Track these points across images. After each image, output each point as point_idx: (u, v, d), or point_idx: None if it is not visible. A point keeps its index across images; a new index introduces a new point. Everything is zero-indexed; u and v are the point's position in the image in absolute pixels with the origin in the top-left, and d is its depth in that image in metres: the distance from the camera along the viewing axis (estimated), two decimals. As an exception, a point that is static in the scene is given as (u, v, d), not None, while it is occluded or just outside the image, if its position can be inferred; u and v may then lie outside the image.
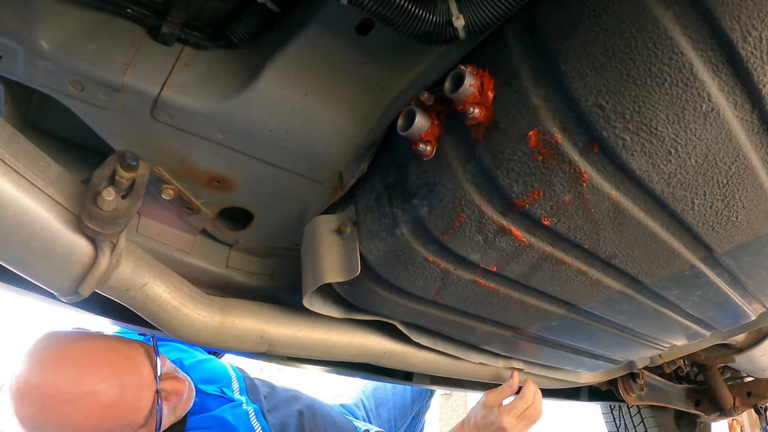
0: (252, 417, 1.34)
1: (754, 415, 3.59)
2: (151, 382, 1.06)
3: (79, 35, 0.69)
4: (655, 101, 0.53)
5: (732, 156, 0.58)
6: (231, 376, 1.49)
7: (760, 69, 0.50)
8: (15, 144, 0.63)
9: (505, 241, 0.70)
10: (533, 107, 0.58)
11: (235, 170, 0.86)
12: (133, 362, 1.06)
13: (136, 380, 1.04)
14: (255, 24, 0.69)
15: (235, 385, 1.46)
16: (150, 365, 1.08)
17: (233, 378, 1.49)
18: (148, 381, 1.06)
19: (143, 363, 1.07)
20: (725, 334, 1.43)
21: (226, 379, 1.47)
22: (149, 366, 1.08)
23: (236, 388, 1.45)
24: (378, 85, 0.77)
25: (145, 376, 1.06)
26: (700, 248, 0.74)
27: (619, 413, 2.61)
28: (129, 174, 0.68)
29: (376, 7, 0.59)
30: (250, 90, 0.73)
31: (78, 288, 0.72)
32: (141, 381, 1.05)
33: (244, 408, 1.36)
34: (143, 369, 1.06)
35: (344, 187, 0.84)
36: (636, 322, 0.99)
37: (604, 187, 0.61)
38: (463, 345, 1.18)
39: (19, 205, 0.62)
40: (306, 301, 0.89)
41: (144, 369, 1.06)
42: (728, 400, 2.15)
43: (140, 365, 1.06)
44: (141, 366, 1.06)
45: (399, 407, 2.06)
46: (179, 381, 1.13)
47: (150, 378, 1.07)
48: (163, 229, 1.03)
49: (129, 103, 0.73)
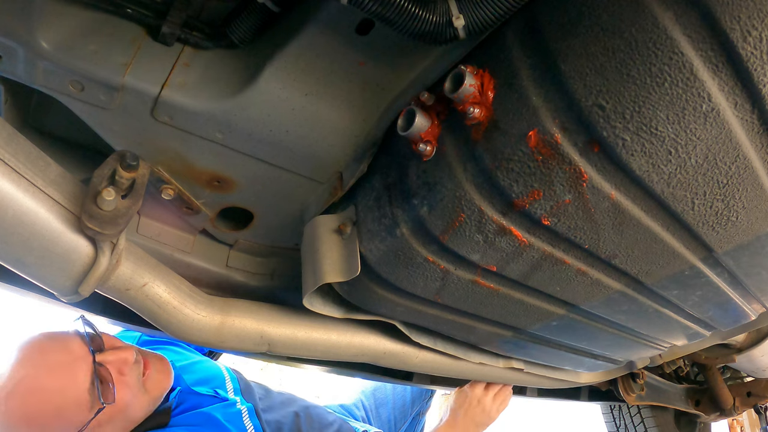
0: (245, 416, 1.33)
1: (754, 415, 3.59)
2: (85, 355, 1.05)
3: (79, 35, 0.69)
4: (655, 101, 0.53)
5: (732, 156, 0.58)
6: (225, 377, 1.49)
7: (760, 69, 0.50)
8: (15, 144, 0.63)
9: (505, 241, 0.70)
10: (533, 107, 0.58)
11: (235, 170, 0.86)
12: (59, 343, 1.05)
13: (63, 356, 1.03)
14: (255, 24, 0.69)
15: (229, 386, 1.46)
16: (82, 341, 1.07)
17: (227, 379, 1.48)
18: (80, 354, 1.04)
19: (72, 341, 1.06)
20: (725, 334, 1.43)
21: (219, 379, 1.46)
22: (80, 342, 1.06)
23: (230, 389, 1.44)
24: (378, 85, 0.77)
25: (74, 351, 1.04)
26: (700, 248, 0.74)
27: (619, 413, 2.62)
28: (129, 174, 0.68)
29: (376, 7, 0.59)
30: (250, 90, 0.73)
31: (78, 288, 0.72)
32: (70, 356, 1.03)
33: (237, 407, 1.35)
34: (72, 345, 1.05)
35: (344, 187, 0.84)
36: (636, 322, 0.99)
37: (604, 187, 0.61)
38: (463, 345, 1.18)
39: (19, 205, 0.62)
40: (306, 301, 0.89)
41: (73, 345, 1.05)
42: (728, 400, 2.15)
43: (68, 342, 1.05)
44: (69, 343, 1.05)
45: (399, 408, 2.06)
46: (124, 350, 1.10)
47: (82, 352, 1.05)
48: (163, 229, 1.03)
49: (129, 103, 0.73)
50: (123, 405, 1.09)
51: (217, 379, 1.46)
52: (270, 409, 1.47)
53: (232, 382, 1.48)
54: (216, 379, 1.46)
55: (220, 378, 1.47)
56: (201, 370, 1.47)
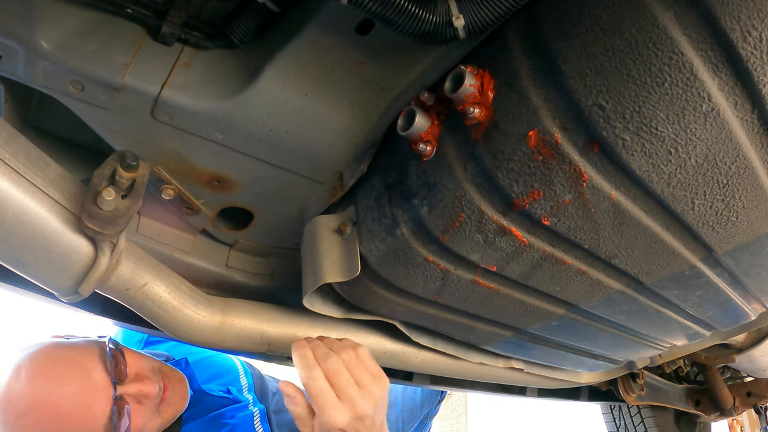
0: (256, 420, 1.32)
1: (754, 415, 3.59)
2: (107, 388, 1.02)
3: (79, 35, 0.69)
4: (655, 101, 0.53)
5: (732, 156, 0.58)
6: (239, 371, 1.46)
7: (760, 69, 0.50)
8: (15, 144, 0.63)
9: (505, 241, 0.70)
10: (533, 107, 0.58)
11: (235, 170, 0.86)
12: (81, 369, 1.02)
13: (84, 388, 1.00)
14: (255, 24, 0.69)
15: (243, 381, 1.43)
16: (105, 370, 1.04)
17: (241, 374, 1.46)
18: (102, 387, 1.02)
19: (95, 369, 1.03)
20: (725, 334, 1.43)
21: (233, 374, 1.44)
22: (103, 371, 1.04)
23: (245, 385, 1.42)
24: (378, 85, 0.77)
25: (97, 383, 1.02)
26: (700, 248, 0.74)
27: (619, 413, 2.61)
28: (129, 174, 0.68)
29: (376, 7, 0.59)
30: (250, 90, 0.73)
31: (78, 288, 0.72)
32: (91, 388, 1.01)
33: (249, 410, 1.33)
34: (95, 375, 1.02)
35: (344, 187, 0.84)
36: (636, 322, 0.99)
37: (604, 187, 0.61)
38: (463, 345, 1.18)
39: (19, 205, 0.62)
40: (306, 301, 0.89)
41: (96, 375, 1.02)
42: (728, 400, 2.15)
43: (91, 371, 1.02)
44: (92, 372, 1.02)
45: (408, 410, 2.05)
46: (148, 383, 1.08)
47: (105, 383, 1.03)
48: (163, 229, 1.03)
49: (129, 103, 0.73)
50: (135, 430, 1.08)
51: (230, 373, 1.43)
52: (281, 411, 1.46)
53: (246, 377, 1.46)
54: (229, 374, 1.43)
55: (234, 373, 1.45)
56: (214, 365, 1.44)
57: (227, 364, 1.48)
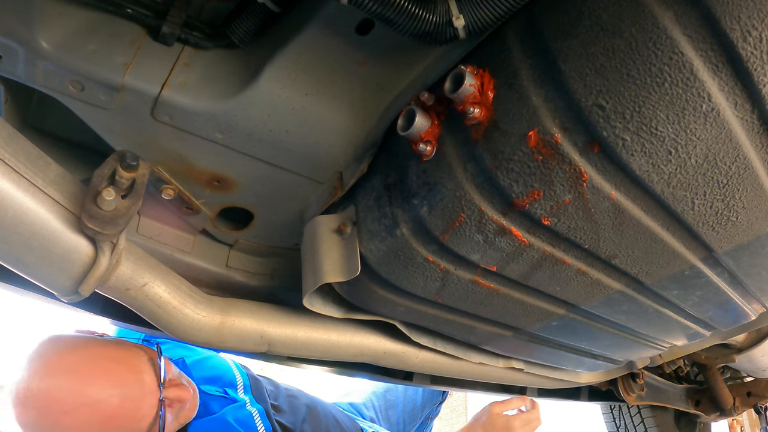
0: (257, 418, 1.33)
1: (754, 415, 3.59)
2: (155, 390, 1.05)
3: (79, 35, 0.69)
4: (655, 101, 0.53)
5: (732, 156, 0.58)
6: (235, 373, 1.48)
7: (760, 69, 0.50)
8: (15, 144, 0.63)
9: (505, 241, 0.70)
10: (533, 107, 0.58)
11: (235, 170, 0.86)
12: (135, 370, 1.04)
13: (138, 390, 1.02)
14: (255, 24, 0.69)
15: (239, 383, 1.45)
16: (153, 372, 1.06)
17: (237, 376, 1.47)
18: (151, 389, 1.04)
19: (146, 371, 1.05)
20: (725, 334, 1.43)
21: (229, 377, 1.45)
22: (152, 373, 1.06)
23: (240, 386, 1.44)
24: (378, 85, 0.77)
25: (147, 385, 1.04)
26: (700, 248, 0.74)
27: (619, 413, 2.61)
28: (129, 174, 0.68)
29: (376, 7, 0.59)
30: (250, 90, 0.73)
31: (78, 288, 0.72)
32: (143, 390, 1.03)
33: (248, 409, 1.34)
34: (146, 377, 1.04)
35: (344, 187, 0.84)
36: (636, 322, 0.99)
37: (604, 187, 0.61)
38: (463, 345, 1.18)
39: (19, 205, 0.62)
40: (306, 301, 0.89)
41: (147, 377, 1.05)
42: (728, 400, 2.15)
43: (143, 373, 1.04)
44: (144, 374, 1.04)
45: (409, 411, 2.06)
46: (183, 388, 1.11)
47: (153, 386, 1.05)
48: (163, 229, 1.03)
49: (129, 103, 0.73)
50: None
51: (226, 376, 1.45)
52: (280, 409, 1.47)
53: (242, 378, 1.47)
54: (225, 377, 1.44)
55: (230, 375, 1.46)
56: (210, 367, 1.46)
57: (222, 366, 1.49)
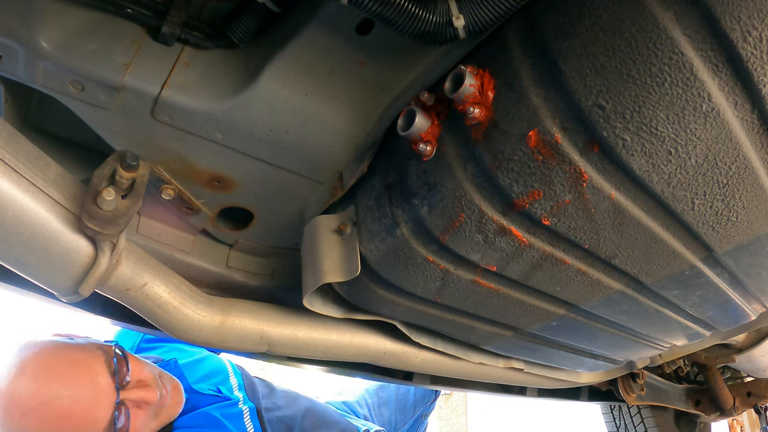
0: (246, 416, 1.34)
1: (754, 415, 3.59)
2: (110, 393, 1.05)
3: (79, 35, 0.69)
4: (655, 101, 0.53)
5: (732, 156, 0.58)
6: (228, 372, 1.49)
7: (760, 69, 0.50)
8: (15, 144, 0.63)
9: (505, 241, 0.70)
10: (533, 107, 0.58)
11: (235, 170, 0.86)
12: (89, 372, 1.05)
13: (90, 392, 1.03)
14: (255, 24, 0.69)
15: (233, 382, 1.46)
16: (110, 375, 1.07)
17: (231, 374, 1.49)
18: (106, 392, 1.05)
19: (101, 373, 1.06)
20: (725, 334, 1.43)
21: (223, 375, 1.47)
22: (108, 376, 1.07)
23: (234, 385, 1.45)
24: (378, 85, 0.77)
25: (102, 387, 1.05)
26: (700, 248, 0.74)
27: (619, 413, 2.61)
28: (129, 174, 0.68)
29: (376, 7, 0.59)
30: (250, 90, 0.73)
31: (78, 288, 0.72)
32: (96, 392, 1.04)
33: (239, 407, 1.35)
34: (100, 380, 1.05)
35: (344, 187, 0.84)
36: (636, 322, 0.99)
37: (604, 187, 0.61)
38: (463, 345, 1.18)
39: (19, 205, 0.62)
40: (306, 301, 0.89)
41: (102, 379, 1.05)
42: (728, 400, 2.15)
43: (98, 375, 1.05)
44: (98, 376, 1.05)
45: (401, 408, 2.07)
46: (149, 390, 1.11)
47: (109, 389, 1.06)
48: (163, 229, 1.03)
49: (129, 103, 0.73)
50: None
51: (220, 374, 1.47)
52: (275, 408, 1.48)
53: (236, 377, 1.48)
54: (219, 375, 1.46)
55: (224, 374, 1.48)
56: (205, 367, 1.47)
57: (218, 366, 1.51)
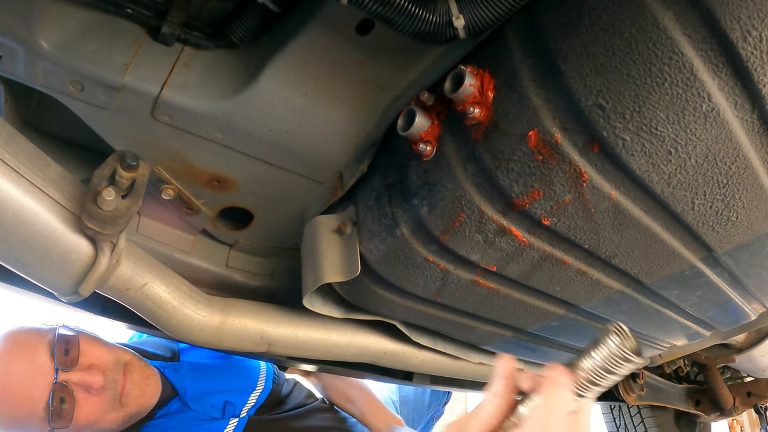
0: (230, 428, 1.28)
1: (754, 415, 3.60)
2: (48, 372, 1.04)
3: (79, 35, 0.69)
4: (655, 101, 0.53)
5: (732, 156, 0.58)
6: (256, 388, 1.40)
7: (760, 69, 0.50)
8: (15, 144, 0.63)
9: (505, 241, 0.70)
10: (533, 107, 0.58)
11: (235, 170, 0.86)
12: (29, 352, 1.05)
13: (26, 369, 1.03)
14: (255, 24, 0.69)
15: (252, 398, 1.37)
16: (50, 355, 1.06)
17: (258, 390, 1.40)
18: (43, 371, 1.04)
19: (42, 353, 1.06)
20: (725, 334, 1.43)
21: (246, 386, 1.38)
22: (49, 356, 1.06)
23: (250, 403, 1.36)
24: (378, 85, 0.77)
25: (39, 366, 1.04)
26: (700, 248, 0.74)
27: (619, 413, 2.61)
28: (129, 174, 0.68)
29: (376, 7, 0.59)
30: (250, 90, 0.73)
31: (78, 288, 0.72)
32: (33, 370, 1.03)
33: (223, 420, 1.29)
34: (38, 358, 1.05)
35: (344, 187, 0.84)
36: (636, 322, 0.99)
37: (604, 187, 0.61)
38: (463, 345, 1.18)
39: (19, 205, 0.62)
40: (306, 301, 0.89)
41: (40, 358, 1.05)
42: (728, 400, 2.15)
43: (36, 354, 1.05)
44: (37, 355, 1.05)
45: (418, 408, 2.07)
46: (94, 373, 1.09)
47: (47, 368, 1.04)
48: (163, 229, 1.03)
49: (129, 103, 0.73)
50: (90, 421, 1.09)
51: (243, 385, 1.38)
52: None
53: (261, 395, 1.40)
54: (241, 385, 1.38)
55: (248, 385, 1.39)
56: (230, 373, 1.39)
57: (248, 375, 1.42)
